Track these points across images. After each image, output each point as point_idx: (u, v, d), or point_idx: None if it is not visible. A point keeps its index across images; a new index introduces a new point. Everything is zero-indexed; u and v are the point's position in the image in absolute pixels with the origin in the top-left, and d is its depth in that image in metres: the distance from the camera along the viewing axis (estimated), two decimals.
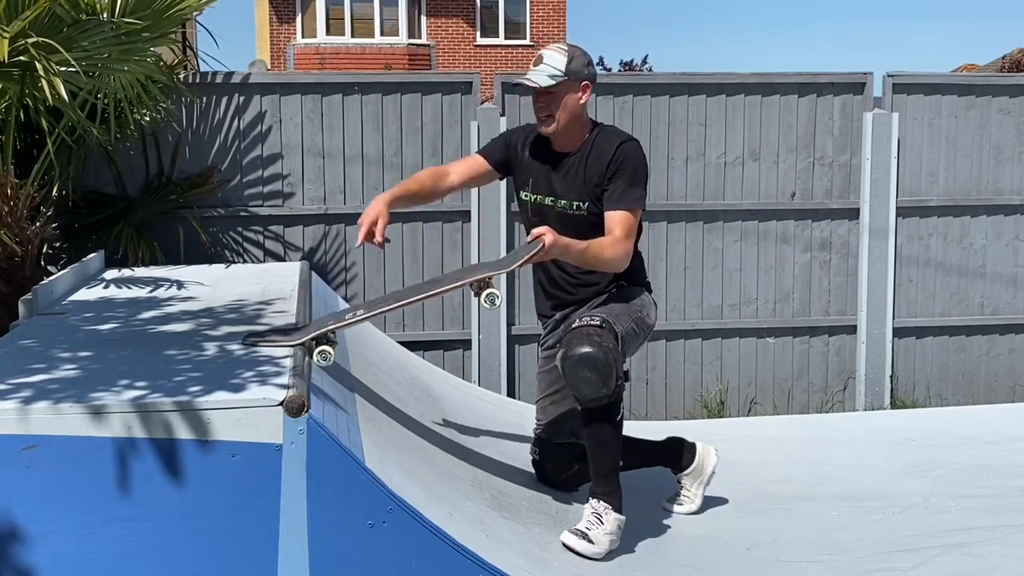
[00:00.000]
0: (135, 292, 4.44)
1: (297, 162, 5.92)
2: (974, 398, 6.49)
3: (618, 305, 3.51)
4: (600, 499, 3.39)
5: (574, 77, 3.44)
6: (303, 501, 2.61)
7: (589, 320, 3.36)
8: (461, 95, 6.03)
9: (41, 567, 2.53)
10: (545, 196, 3.54)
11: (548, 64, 3.43)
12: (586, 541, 3.29)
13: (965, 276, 6.46)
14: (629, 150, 3.46)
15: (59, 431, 2.54)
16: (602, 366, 3.24)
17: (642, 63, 24.59)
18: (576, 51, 3.49)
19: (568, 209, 3.50)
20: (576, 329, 3.34)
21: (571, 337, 3.32)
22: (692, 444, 3.85)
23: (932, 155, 6.37)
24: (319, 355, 3.12)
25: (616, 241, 3.38)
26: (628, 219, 3.40)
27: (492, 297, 3.22)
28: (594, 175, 3.45)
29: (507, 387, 6.07)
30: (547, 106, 3.45)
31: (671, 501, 3.84)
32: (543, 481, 3.80)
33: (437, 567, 2.69)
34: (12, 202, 4.73)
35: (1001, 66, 17.79)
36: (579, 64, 3.45)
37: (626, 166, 3.43)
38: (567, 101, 3.44)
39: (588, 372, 3.24)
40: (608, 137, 3.51)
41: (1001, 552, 3.51)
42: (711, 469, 3.84)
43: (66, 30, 4.53)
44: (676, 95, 6.16)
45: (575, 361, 3.25)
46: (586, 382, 3.25)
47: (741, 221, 6.27)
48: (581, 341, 3.27)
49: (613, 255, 3.38)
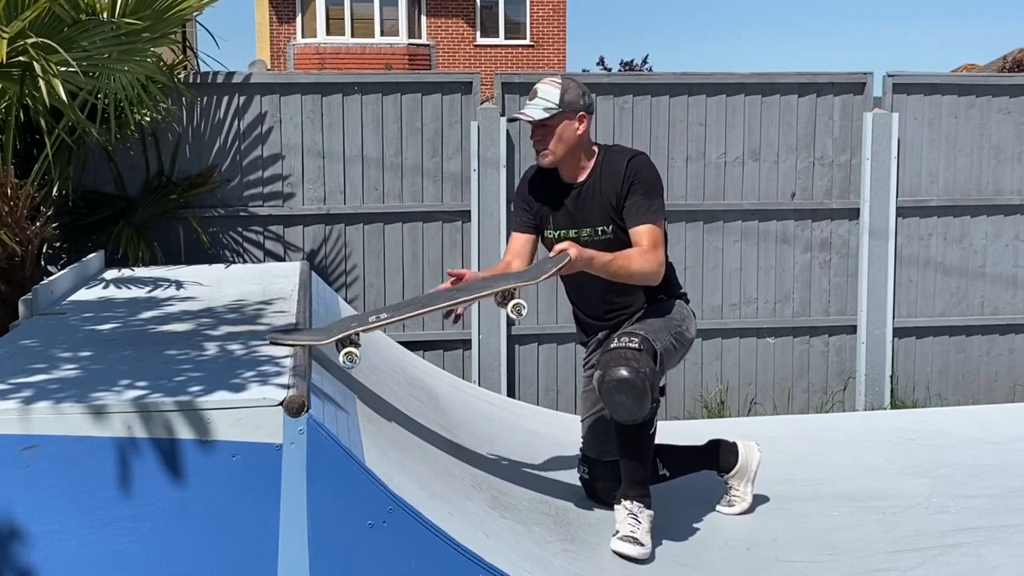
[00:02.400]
0: (135, 292, 4.44)
1: (297, 162, 5.92)
2: (974, 398, 6.49)
3: (657, 320, 3.51)
4: (633, 500, 3.44)
5: (569, 108, 3.44)
6: (303, 501, 2.60)
7: (627, 341, 3.33)
8: (461, 95, 6.04)
9: (41, 567, 2.52)
10: (568, 230, 3.55)
11: (542, 97, 3.45)
12: (637, 545, 3.33)
13: (965, 276, 6.46)
14: (639, 164, 3.48)
15: (60, 431, 2.54)
16: (638, 391, 3.23)
17: (642, 63, 24.58)
18: (570, 83, 3.50)
19: (594, 236, 3.50)
20: (613, 351, 3.31)
21: (608, 359, 3.30)
22: (734, 444, 3.84)
23: (932, 155, 6.37)
24: (345, 356, 3.15)
25: (644, 252, 3.37)
26: (653, 231, 3.41)
27: (519, 308, 3.22)
28: (611, 196, 3.47)
29: (507, 387, 6.08)
30: (543, 139, 3.47)
31: (722, 504, 3.83)
32: (593, 499, 3.78)
33: (437, 567, 2.69)
34: (12, 202, 4.73)
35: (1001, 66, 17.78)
36: (573, 95, 3.46)
37: (639, 180, 3.44)
38: (563, 133, 3.46)
39: (624, 397, 3.24)
40: (616, 157, 3.53)
41: (1001, 552, 3.51)
42: (755, 465, 3.83)
43: (66, 30, 4.53)
44: (676, 95, 6.16)
45: (612, 386, 3.24)
46: (622, 406, 3.26)
47: (741, 221, 6.27)
48: (618, 364, 3.25)
49: (642, 266, 3.36)
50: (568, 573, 3.10)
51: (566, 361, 6.21)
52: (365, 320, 3.35)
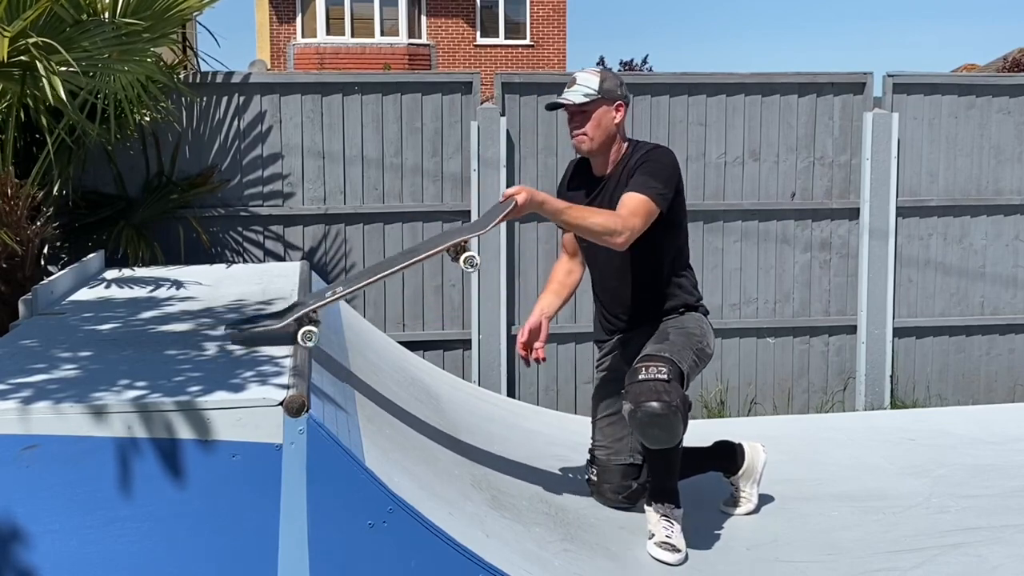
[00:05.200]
0: (135, 292, 4.44)
1: (297, 162, 5.92)
2: (974, 398, 6.49)
3: (680, 337, 3.52)
4: (664, 502, 3.46)
5: (607, 96, 3.51)
6: (303, 501, 2.61)
7: (656, 372, 3.29)
8: (461, 95, 6.03)
9: (41, 567, 2.52)
10: None
11: (581, 84, 3.52)
12: (675, 552, 3.36)
13: (965, 276, 6.46)
14: (659, 152, 3.54)
15: (60, 431, 2.54)
16: (670, 424, 3.24)
17: (642, 63, 24.61)
18: (608, 73, 3.61)
19: None
20: (643, 383, 3.27)
21: (639, 392, 3.26)
22: (739, 445, 3.85)
23: (932, 155, 6.37)
24: (303, 336, 3.09)
25: (612, 213, 3.34)
26: (638, 200, 3.35)
27: (470, 260, 3.15)
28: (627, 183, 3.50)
29: (507, 387, 6.08)
30: (581, 124, 3.52)
31: (728, 504, 3.84)
32: (601, 502, 3.78)
33: (437, 567, 2.69)
34: (12, 202, 4.73)
35: (1001, 66, 17.77)
36: (612, 84, 3.53)
37: (648, 161, 3.49)
38: (601, 119, 3.52)
39: (657, 431, 3.25)
40: (641, 148, 3.59)
41: (1001, 552, 3.51)
42: (761, 467, 3.84)
43: (67, 30, 4.53)
44: (676, 95, 6.16)
45: (645, 420, 3.24)
46: (655, 439, 3.29)
47: (741, 221, 6.27)
48: (649, 398, 3.23)
49: (603, 222, 3.28)
50: (568, 573, 3.10)
51: (566, 361, 6.22)
52: (321, 296, 3.33)
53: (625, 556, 3.38)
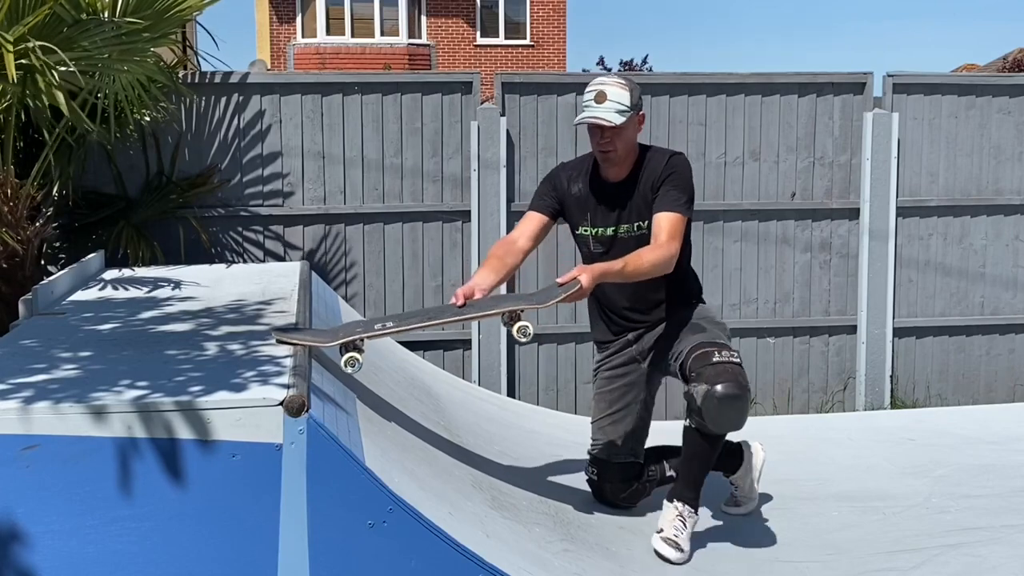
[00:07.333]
0: (135, 292, 4.44)
1: (297, 162, 5.92)
2: (974, 398, 6.49)
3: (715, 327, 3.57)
4: (685, 503, 3.46)
5: (636, 110, 3.49)
6: (303, 501, 2.61)
7: (729, 356, 3.34)
8: (461, 95, 6.03)
9: (41, 567, 2.52)
10: (607, 227, 3.57)
11: (614, 100, 3.43)
12: (678, 550, 3.37)
13: (965, 276, 6.46)
14: (678, 162, 3.54)
15: (60, 431, 2.54)
16: (745, 409, 3.29)
17: (642, 63, 24.58)
18: (631, 83, 3.52)
19: (631, 232, 3.54)
20: (718, 364, 3.30)
21: (716, 372, 3.27)
22: (739, 445, 3.86)
23: (932, 155, 6.37)
24: (347, 361, 3.17)
25: (657, 246, 3.39)
26: (675, 220, 3.43)
27: (524, 330, 3.21)
28: (648, 192, 3.51)
29: (507, 387, 6.08)
30: (612, 141, 3.46)
31: (728, 504, 3.85)
32: (601, 501, 3.78)
33: (437, 567, 2.69)
34: (12, 202, 4.73)
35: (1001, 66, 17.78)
36: (638, 96, 3.50)
37: (675, 174, 3.49)
38: (629, 134, 3.50)
39: (732, 412, 3.28)
40: (657, 155, 3.58)
41: (1001, 552, 3.51)
42: (760, 466, 3.86)
43: (66, 30, 4.53)
44: (676, 95, 6.16)
45: (724, 402, 3.24)
46: (728, 420, 3.30)
47: (741, 221, 6.27)
48: (727, 378, 3.26)
49: (654, 258, 3.35)
50: (568, 573, 3.10)
51: (566, 361, 6.21)
52: (371, 327, 3.36)
53: (625, 556, 3.38)
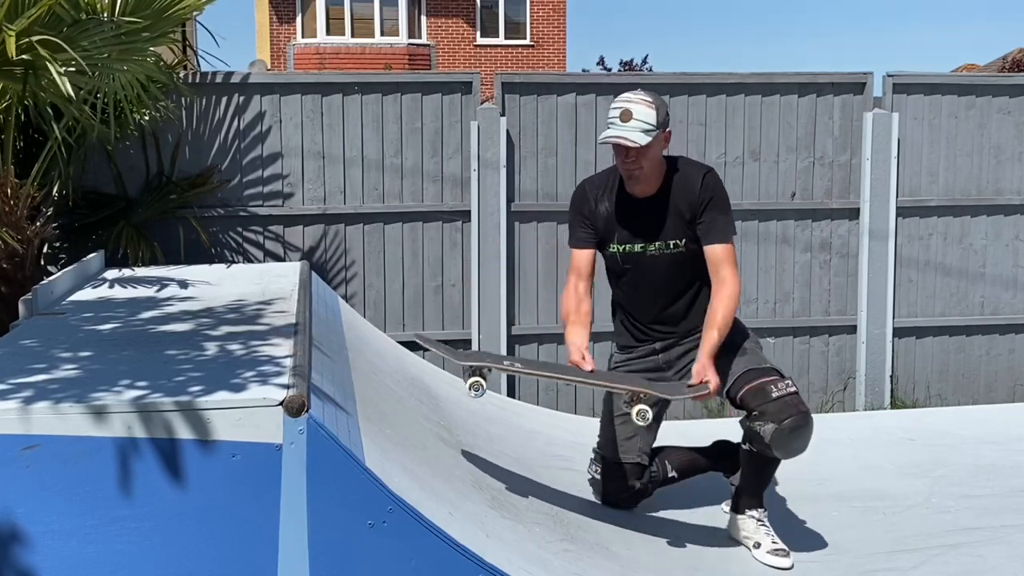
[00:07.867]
0: (135, 292, 4.44)
1: (297, 162, 5.92)
2: (974, 398, 6.48)
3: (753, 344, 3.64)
4: (756, 507, 3.54)
5: (663, 129, 3.44)
6: (303, 501, 2.60)
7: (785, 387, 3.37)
8: (461, 95, 6.03)
9: (41, 567, 2.52)
10: (635, 244, 3.55)
11: (640, 119, 3.37)
12: (786, 555, 3.44)
13: (965, 276, 6.46)
14: (713, 182, 3.51)
15: (60, 431, 2.54)
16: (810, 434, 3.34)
17: (642, 63, 24.55)
18: (658, 100, 3.46)
19: (665, 249, 3.53)
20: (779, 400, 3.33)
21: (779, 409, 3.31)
22: (737, 446, 3.85)
23: (932, 155, 6.37)
24: (472, 385, 3.37)
25: (724, 285, 3.43)
26: (730, 251, 3.47)
27: (643, 414, 3.28)
28: (684, 210, 3.48)
29: (507, 387, 6.07)
30: (637, 160, 3.41)
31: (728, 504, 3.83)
32: (602, 501, 3.79)
33: (437, 567, 2.68)
34: (12, 202, 4.73)
35: (1001, 66, 17.77)
36: (663, 114, 3.44)
37: (717, 197, 3.48)
38: (655, 153, 3.45)
39: (800, 443, 3.34)
40: (686, 169, 3.55)
41: (1001, 552, 3.51)
42: None
43: (66, 30, 4.53)
44: (676, 95, 6.15)
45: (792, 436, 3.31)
46: (796, 450, 3.36)
47: (741, 221, 6.25)
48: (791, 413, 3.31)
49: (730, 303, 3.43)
50: (568, 573, 3.10)
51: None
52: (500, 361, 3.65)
53: (625, 556, 3.38)
